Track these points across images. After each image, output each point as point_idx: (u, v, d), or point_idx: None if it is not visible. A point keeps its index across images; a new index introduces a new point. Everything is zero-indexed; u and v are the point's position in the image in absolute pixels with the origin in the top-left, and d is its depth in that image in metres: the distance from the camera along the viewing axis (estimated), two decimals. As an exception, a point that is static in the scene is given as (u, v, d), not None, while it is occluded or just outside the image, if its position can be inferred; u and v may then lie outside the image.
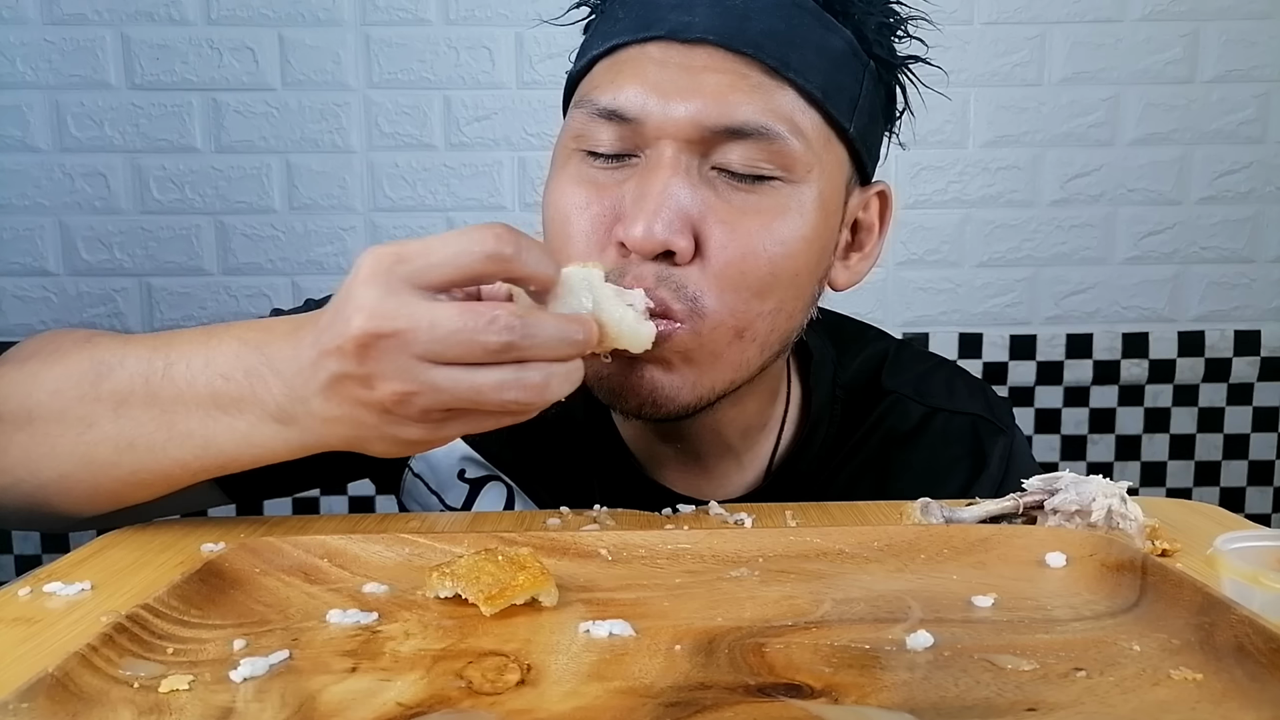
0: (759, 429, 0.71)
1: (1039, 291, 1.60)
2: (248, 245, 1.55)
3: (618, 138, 0.58)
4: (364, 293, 0.45)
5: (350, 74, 1.53)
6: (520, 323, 0.44)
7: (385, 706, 0.33)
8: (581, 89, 0.62)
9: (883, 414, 0.73)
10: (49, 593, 0.46)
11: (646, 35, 0.58)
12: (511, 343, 0.44)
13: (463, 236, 0.45)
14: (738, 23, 0.57)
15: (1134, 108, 1.56)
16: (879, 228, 0.69)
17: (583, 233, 0.59)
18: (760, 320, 0.59)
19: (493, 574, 0.42)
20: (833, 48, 0.60)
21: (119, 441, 0.54)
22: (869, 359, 0.75)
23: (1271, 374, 1.62)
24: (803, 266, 0.60)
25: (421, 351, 0.44)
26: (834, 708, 0.33)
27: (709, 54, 0.57)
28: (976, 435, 0.73)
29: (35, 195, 1.54)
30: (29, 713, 0.31)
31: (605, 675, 0.35)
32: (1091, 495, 0.51)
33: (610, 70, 0.59)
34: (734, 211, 0.57)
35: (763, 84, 0.57)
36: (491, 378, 0.44)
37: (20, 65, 1.51)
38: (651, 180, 0.56)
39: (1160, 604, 0.40)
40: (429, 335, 0.44)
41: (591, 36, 0.64)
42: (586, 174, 0.60)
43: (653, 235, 0.55)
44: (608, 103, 0.58)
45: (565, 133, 0.62)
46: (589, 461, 0.70)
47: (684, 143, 0.57)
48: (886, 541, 0.49)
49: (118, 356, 0.55)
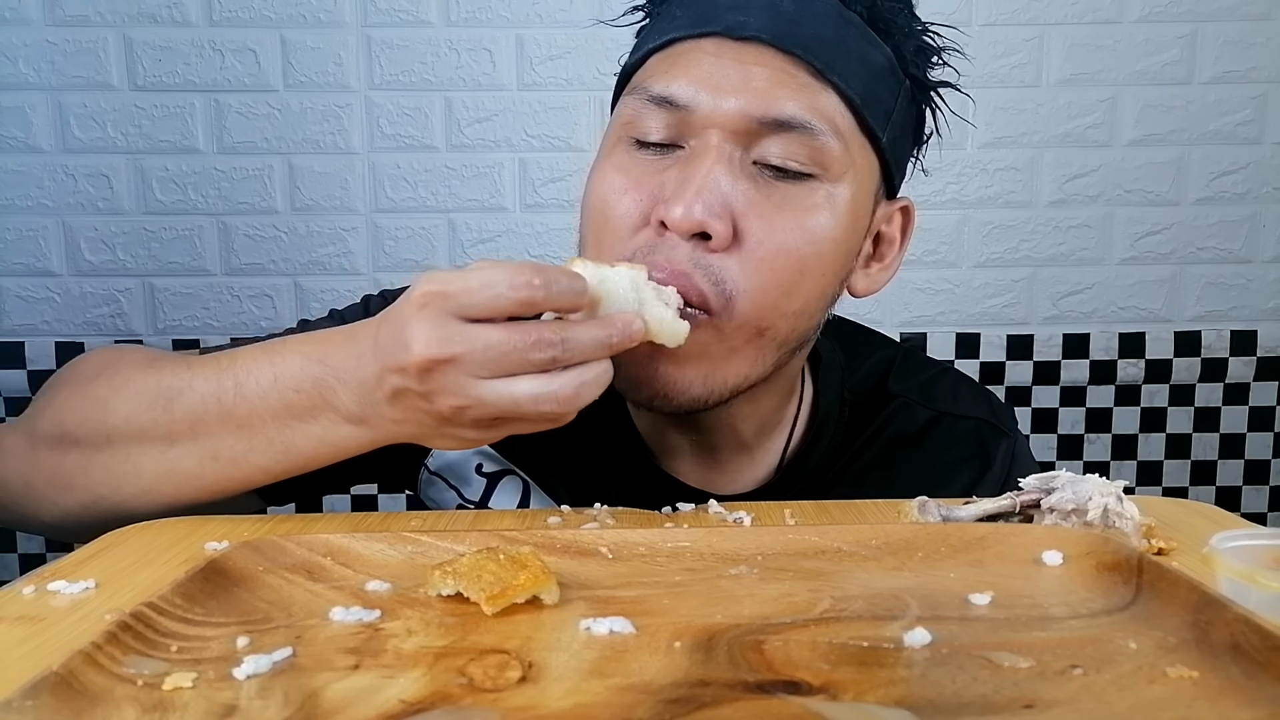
0: (774, 426, 0.72)
1: (1036, 292, 1.60)
2: (250, 246, 1.56)
3: (666, 125, 0.61)
4: (419, 324, 0.50)
5: (352, 75, 1.53)
6: (560, 339, 0.50)
7: (388, 703, 0.33)
8: (635, 79, 0.64)
9: (889, 417, 0.74)
10: (53, 591, 0.46)
11: (703, 31, 0.61)
12: (555, 357, 0.50)
13: (498, 276, 0.50)
14: (789, 26, 0.60)
15: (1132, 109, 1.56)
16: (900, 242, 0.70)
17: (621, 215, 0.61)
18: (783, 320, 0.61)
19: (494, 573, 0.42)
20: (874, 61, 0.62)
21: (202, 455, 0.59)
22: (876, 364, 0.77)
23: (1267, 374, 1.62)
24: (829, 267, 0.62)
25: (475, 370, 0.50)
26: (832, 704, 0.33)
27: (760, 52, 0.60)
28: (981, 438, 0.74)
29: (38, 196, 1.54)
30: (33, 710, 0.31)
31: (606, 672, 0.36)
32: (1088, 494, 0.51)
33: (665, 62, 0.62)
34: (771, 206, 0.60)
35: (808, 84, 0.60)
36: (528, 390, 0.50)
37: (23, 66, 1.51)
38: (696, 166, 0.59)
39: (1156, 602, 0.40)
40: (483, 356, 0.49)
41: (648, 32, 0.66)
42: (630, 162, 0.62)
43: (692, 215, 0.57)
44: (661, 90, 0.60)
45: (614, 120, 0.65)
46: (603, 453, 0.71)
47: (730, 133, 0.59)
48: (884, 540, 0.49)
49: (185, 380, 0.60)
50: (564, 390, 0.50)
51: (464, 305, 0.50)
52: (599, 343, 0.51)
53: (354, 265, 1.57)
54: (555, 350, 0.50)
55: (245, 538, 0.49)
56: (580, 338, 0.51)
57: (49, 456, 0.62)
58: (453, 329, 0.50)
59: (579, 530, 0.51)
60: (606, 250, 0.61)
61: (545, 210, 1.56)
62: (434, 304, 0.50)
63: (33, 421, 0.63)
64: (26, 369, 1.56)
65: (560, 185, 1.56)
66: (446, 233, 1.58)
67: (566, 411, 0.51)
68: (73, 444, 0.61)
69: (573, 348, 0.50)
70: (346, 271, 1.56)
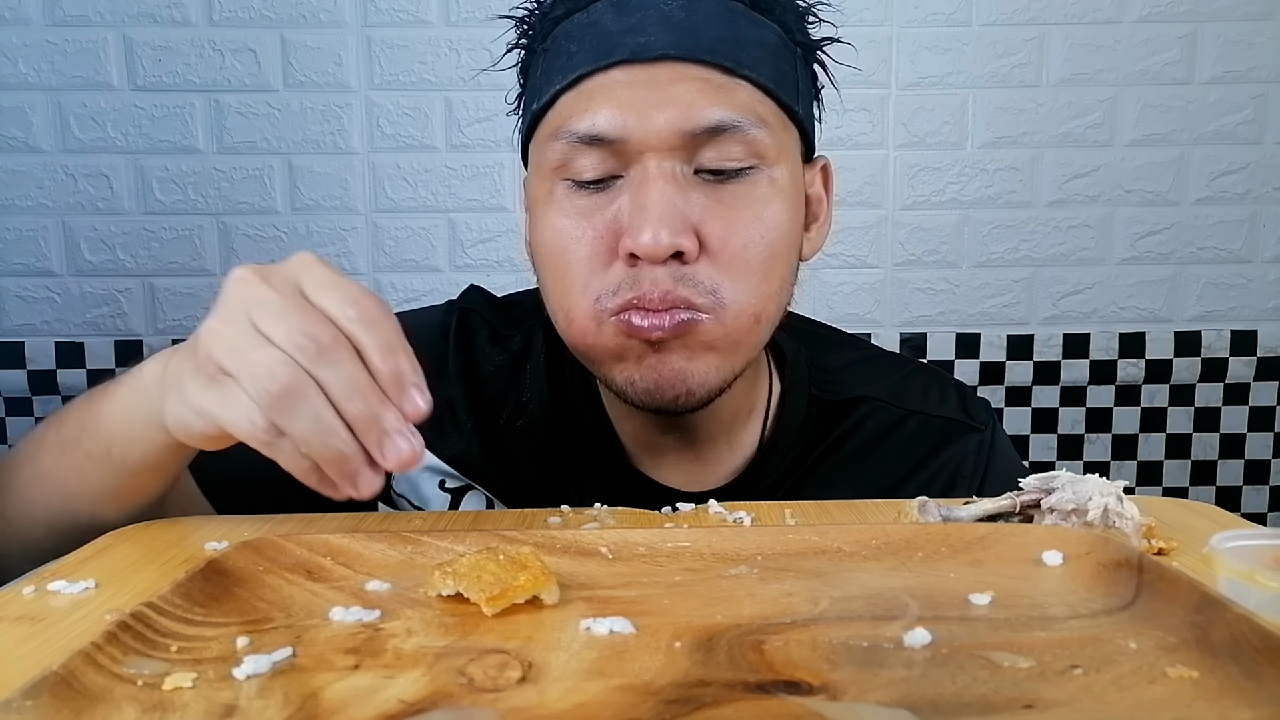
0: (747, 413, 0.73)
1: (1036, 292, 1.60)
2: (250, 246, 1.56)
3: (600, 161, 0.61)
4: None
5: (352, 75, 1.54)
6: (328, 351, 0.43)
7: (387, 704, 0.33)
8: (549, 123, 0.63)
9: (860, 419, 0.74)
10: (53, 591, 0.46)
11: (608, 62, 0.61)
12: (310, 345, 0.43)
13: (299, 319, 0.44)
14: (688, 35, 0.61)
15: (1132, 109, 1.56)
16: (826, 198, 0.72)
17: (583, 259, 0.61)
18: (770, 302, 0.63)
19: (494, 573, 0.42)
20: (769, 41, 0.64)
21: (56, 450, 0.60)
22: (848, 363, 0.78)
23: (1268, 374, 1.62)
24: (791, 244, 0.65)
25: (258, 308, 0.44)
26: (832, 704, 0.33)
27: (669, 68, 0.61)
28: (952, 435, 0.75)
29: (38, 196, 1.54)
30: (33, 710, 0.31)
31: (606, 672, 0.36)
32: (1088, 494, 0.51)
33: (578, 100, 0.61)
34: (725, 207, 0.61)
35: (724, 84, 0.61)
36: (264, 354, 0.43)
37: (23, 66, 1.51)
38: (646, 191, 0.59)
39: (1157, 602, 0.40)
40: (265, 298, 0.44)
41: (545, 72, 0.65)
42: (574, 205, 0.62)
43: (660, 240, 0.58)
44: (587, 129, 0.60)
45: (540, 167, 0.64)
46: (574, 462, 0.72)
47: (667, 151, 0.60)
48: (884, 540, 0.49)
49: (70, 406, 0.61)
50: (275, 376, 0.43)
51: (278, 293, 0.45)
52: (354, 391, 0.44)
53: (354, 265, 1.57)
54: (316, 346, 0.43)
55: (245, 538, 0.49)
56: (345, 366, 0.44)
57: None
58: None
59: (579, 530, 0.51)
60: (578, 295, 0.61)
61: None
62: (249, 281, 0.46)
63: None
64: (26, 369, 1.56)
65: (560, 185, 1.56)
66: (446, 233, 1.58)
67: (260, 406, 0.44)
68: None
69: (331, 362, 0.43)
70: (347, 271, 1.56)
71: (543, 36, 0.66)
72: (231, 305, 0.46)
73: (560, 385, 0.73)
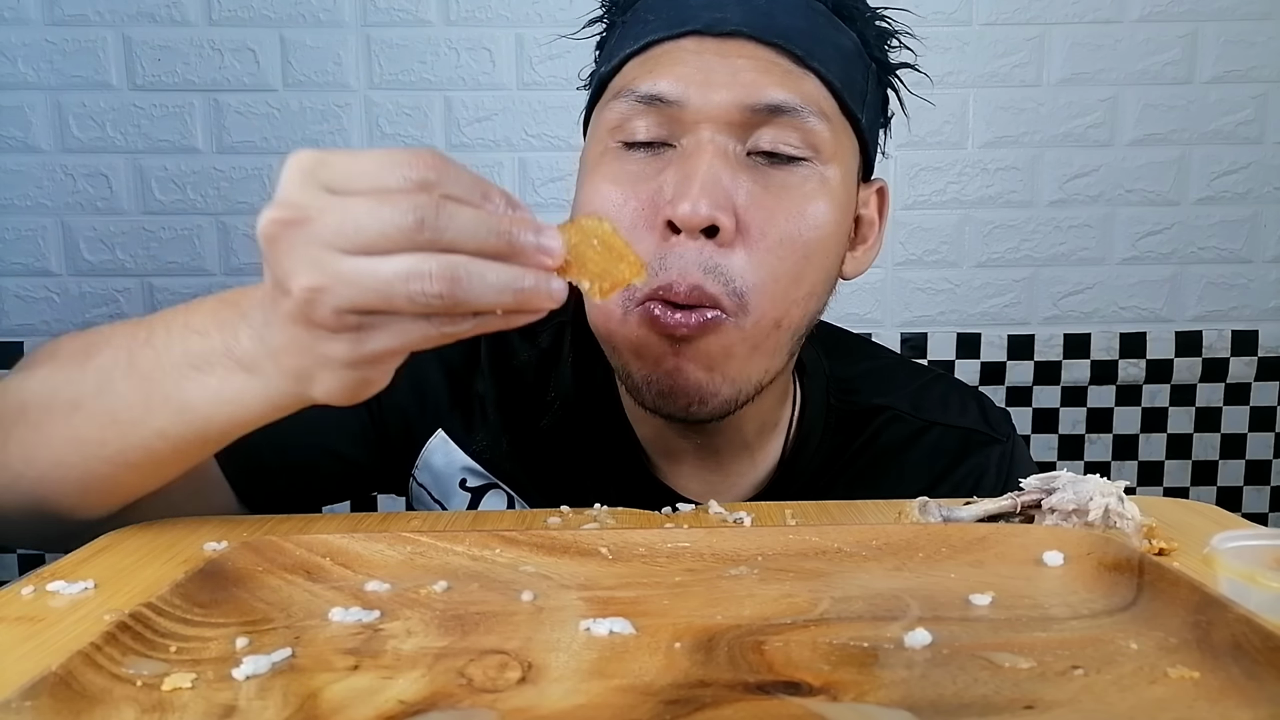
0: (771, 427, 0.72)
1: (1037, 292, 1.60)
2: (250, 246, 1.55)
3: (656, 124, 0.61)
4: (280, 188, 0.43)
5: (351, 75, 1.53)
6: (435, 205, 0.41)
7: (387, 704, 0.33)
8: (614, 85, 0.64)
9: (878, 429, 0.74)
10: (52, 591, 0.46)
11: (681, 31, 0.61)
12: (422, 220, 0.40)
13: (391, 157, 0.42)
14: (765, 18, 0.61)
15: (1132, 108, 1.56)
16: (879, 222, 0.72)
17: (624, 225, 0.60)
18: (795, 308, 0.62)
19: (597, 263, 0.44)
20: (844, 46, 0.64)
21: (103, 418, 0.52)
22: (864, 373, 0.77)
23: (1268, 374, 1.62)
24: (830, 248, 0.63)
25: (330, 238, 0.41)
26: (833, 705, 0.33)
27: (741, 45, 0.61)
28: (973, 447, 0.74)
29: (37, 196, 1.54)
30: (32, 711, 0.31)
31: (605, 673, 0.36)
32: (1089, 494, 0.51)
33: (646, 64, 0.62)
34: (770, 195, 0.60)
35: (791, 71, 0.61)
36: (396, 264, 0.41)
37: (22, 66, 1.51)
38: (694, 162, 0.59)
39: (1157, 602, 0.40)
40: (338, 219, 0.41)
41: (619, 40, 0.66)
42: (623, 169, 0.62)
43: (699, 211, 0.57)
44: (648, 88, 0.60)
45: (597, 128, 0.64)
46: (596, 462, 0.71)
47: (723, 125, 0.60)
48: (885, 540, 0.49)
49: (105, 335, 0.54)
50: (439, 268, 0.41)
51: (339, 177, 0.42)
52: (485, 225, 0.42)
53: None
54: (422, 213, 0.40)
55: (244, 538, 0.49)
56: (461, 210, 0.41)
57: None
58: (313, 193, 0.42)
59: (579, 530, 0.51)
60: None
61: (545, 210, 1.56)
62: (306, 169, 0.43)
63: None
64: (26, 369, 1.56)
65: (560, 185, 1.56)
66: (446, 232, 1.58)
67: (445, 296, 0.41)
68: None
69: (448, 218, 0.41)
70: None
71: (623, 9, 0.67)
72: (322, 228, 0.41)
73: (586, 387, 0.73)
